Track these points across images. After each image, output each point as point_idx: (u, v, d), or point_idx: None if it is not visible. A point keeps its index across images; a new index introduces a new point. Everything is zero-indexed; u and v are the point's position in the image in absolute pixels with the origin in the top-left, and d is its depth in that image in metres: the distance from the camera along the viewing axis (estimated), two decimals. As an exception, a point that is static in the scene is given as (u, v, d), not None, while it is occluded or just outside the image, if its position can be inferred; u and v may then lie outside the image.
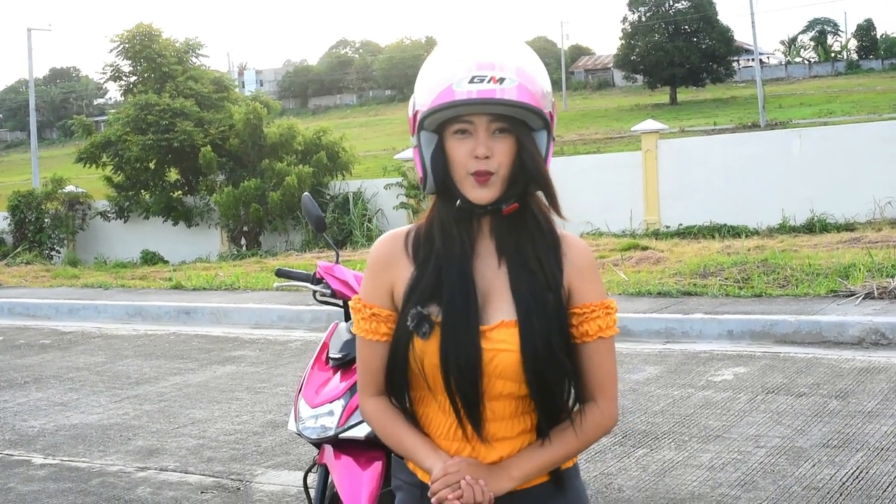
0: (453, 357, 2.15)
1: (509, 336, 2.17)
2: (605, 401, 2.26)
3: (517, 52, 2.19)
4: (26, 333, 12.19)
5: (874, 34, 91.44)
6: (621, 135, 48.39)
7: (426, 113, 2.15)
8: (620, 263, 13.47)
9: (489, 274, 2.22)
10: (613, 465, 5.74)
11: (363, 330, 2.30)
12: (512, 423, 2.24)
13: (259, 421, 7.26)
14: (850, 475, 5.27)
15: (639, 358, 8.50)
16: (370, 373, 2.31)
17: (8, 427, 7.51)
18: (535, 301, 2.18)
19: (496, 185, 2.16)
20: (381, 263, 2.30)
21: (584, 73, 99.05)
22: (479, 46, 2.17)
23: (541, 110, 2.14)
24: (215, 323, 12.04)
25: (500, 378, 2.18)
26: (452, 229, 2.22)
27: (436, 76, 2.17)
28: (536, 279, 2.20)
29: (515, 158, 2.17)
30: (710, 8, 70.27)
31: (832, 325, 8.62)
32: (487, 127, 2.14)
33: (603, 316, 2.24)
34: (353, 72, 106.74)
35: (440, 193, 2.24)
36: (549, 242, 2.25)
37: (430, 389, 2.24)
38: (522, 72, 2.14)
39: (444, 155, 2.19)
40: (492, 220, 2.24)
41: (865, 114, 47.47)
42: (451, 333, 2.16)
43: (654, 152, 19.05)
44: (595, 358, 2.24)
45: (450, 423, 2.24)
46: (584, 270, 2.26)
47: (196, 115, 24.00)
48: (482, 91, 2.09)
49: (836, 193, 17.11)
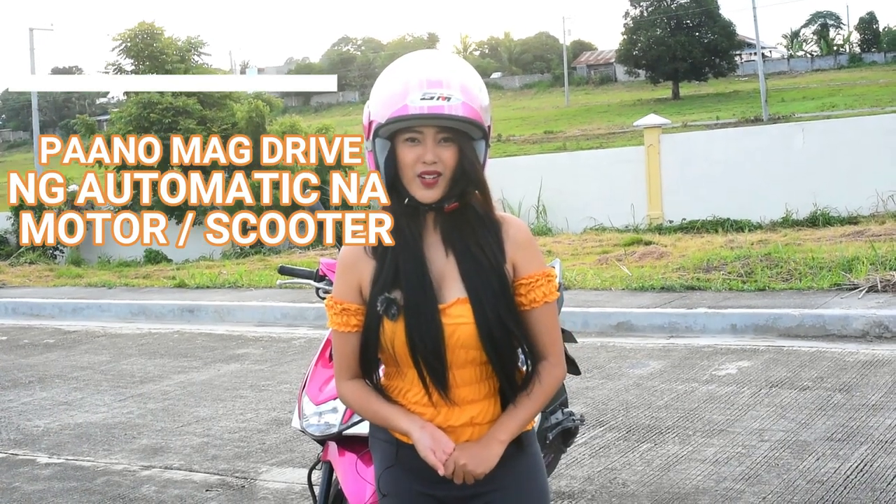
0: (418, 333, 2.50)
1: (465, 311, 2.52)
2: (554, 356, 2.63)
3: (462, 72, 2.56)
4: (30, 333, 12.21)
5: (876, 27, 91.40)
6: (624, 130, 48.39)
7: (381, 124, 2.51)
8: (624, 258, 13.46)
9: (439, 261, 2.57)
10: (618, 459, 5.74)
11: (336, 323, 2.64)
12: (478, 386, 2.59)
13: (263, 419, 7.27)
14: (854, 468, 5.27)
15: (643, 353, 8.50)
16: (345, 359, 2.65)
17: (13, 426, 7.53)
18: (480, 280, 2.53)
19: (441, 187, 2.52)
20: (347, 266, 2.65)
21: (587, 68, 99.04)
22: (428, 66, 2.54)
23: (481, 124, 2.53)
24: (219, 321, 12.04)
25: (462, 348, 2.53)
26: (403, 223, 2.57)
27: (390, 91, 2.53)
28: (480, 262, 2.54)
29: (457, 164, 2.52)
30: (711, 2, 70.28)
31: (836, 318, 8.61)
32: (434, 136, 2.50)
33: (545, 283, 2.60)
34: (356, 69, 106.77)
35: (391, 193, 2.58)
36: (490, 228, 2.59)
37: (398, 366, 2.59)
38: (466, 89, 2.51)
39: (395, 159, 2.53)
40: (435, 216, 2.59)
41: (868, 107, 47.43)
42: (415, 313, 2.51)
43: (657, 147, 19.02)
44: (542, 320, 2.60)
45: (422, 393, 2.57)
46: (524, 245, 2.61)
47: (198, 114, 23.99)
48: (432, 107, 2.46)
49: (840, 187, 17.07)
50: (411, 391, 2.59)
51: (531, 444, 2.69)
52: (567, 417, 4.83)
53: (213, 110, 24.49)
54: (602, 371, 7.90)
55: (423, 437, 2.51)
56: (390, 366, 2.63)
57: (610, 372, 7.88)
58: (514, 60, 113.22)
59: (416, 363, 2.53)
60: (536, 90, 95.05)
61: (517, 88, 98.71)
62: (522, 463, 2.65)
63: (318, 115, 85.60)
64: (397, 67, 2.59)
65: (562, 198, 19.62)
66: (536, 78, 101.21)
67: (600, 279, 11.60)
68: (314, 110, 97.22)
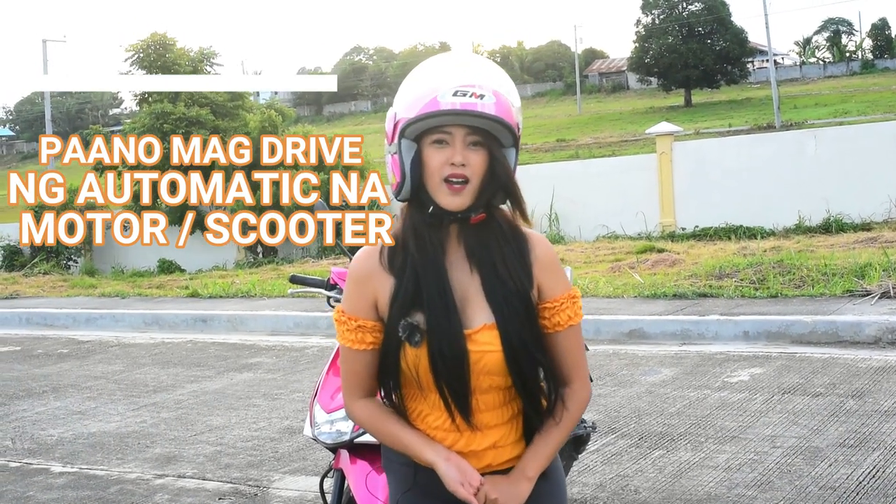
0: (442, 361, 2.37)
1: (492, 338, 2.39)
2: (580, 380, 2.55)
3: (495, 74, 2.42)
4: (44, 343, 12.26)
5: (889, 33, 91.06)
6: (636, 137, 48.35)
7: (411, 120, 2.34)
8: (636, 266, 13.46)
9: (463, 279, 2.43)
10: (630, 466, 5.74)
11: (350, 340, 2.49)
12: (501, 411, 2.48)
13: (276, 427, 7.29)
14: (866, 474, 5.26)
15: (655, 360, 8.50)
16: (357, 378, 2.51)
17: (27, 436, 7.56)
18: (507, 305, 2.40)
19: (469, 194, 2.36)
20: (361, 278, 2.48)
21: (599, 76, 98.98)
22: (461, 66, 2.41)
23: (513, 127, 2.37)
24: (232, 330, 12.08)
25: (486, 374, 2.41)
26: (425, 234, 2.41)
27: (420, 89, 2.37)
28: (507, 285, 2.41)
29: (487, 170, 2.37)
30: (723, 9, 70.15)
31: (848, 324, 8.60)
32: (464, 139, 2.35)
33: (570, 306, 2.49)
34: (368, 78, 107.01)
35: (412, 202, 2.43)
36: (516, 247, 2.46)
37: (421, 388, 2.45)
38: (499, 93, 2.37)
39: (420, 163, 2.37)
40: (460, 227, 2.44)
41: (881, 113, 47.28)
42: (439, 340, 2.37)
43: (669, 154, 19.02)
44: (566, 344, 2.50)
45: (444, 418, 2.45)
46: (550, 266, 2.48)
47: (211, 124, 24.05)
48: (465, 104, 2.31)
49: (852, 193, 17.03)
50: (432, 415, 2.46)
51: (556, 468, 2.60)
52: (579, 425, 4.84)
53: (225, 120, 24.56)
54: (614, 378, 7.90)
55: (449, 469, 2.39)
56: (410, 388, 2.48)
57: (622, 379, 7.88)
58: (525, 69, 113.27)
59: (441, 389, 2.41)
60: (548, 98, 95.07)
61: (529, 97, 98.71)
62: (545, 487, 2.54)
63: (330, 124, 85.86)
64: (427, 67, 2.45)
65: (574, 206, 19.63)
66: (548, 86, 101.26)
67: (613, 287, 11.60)
68: (326, 120, 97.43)
